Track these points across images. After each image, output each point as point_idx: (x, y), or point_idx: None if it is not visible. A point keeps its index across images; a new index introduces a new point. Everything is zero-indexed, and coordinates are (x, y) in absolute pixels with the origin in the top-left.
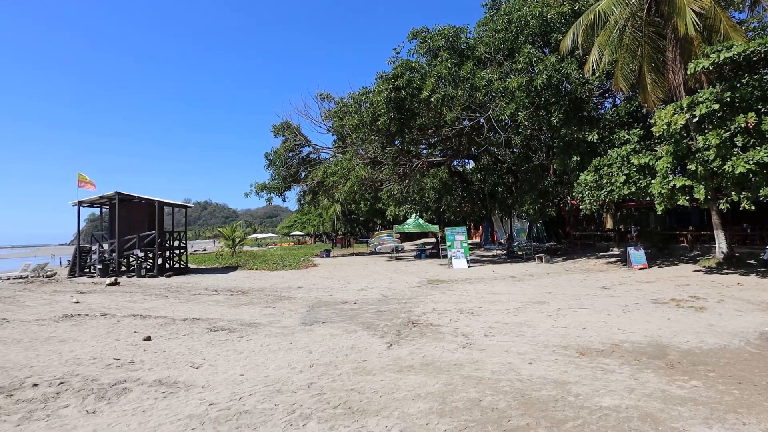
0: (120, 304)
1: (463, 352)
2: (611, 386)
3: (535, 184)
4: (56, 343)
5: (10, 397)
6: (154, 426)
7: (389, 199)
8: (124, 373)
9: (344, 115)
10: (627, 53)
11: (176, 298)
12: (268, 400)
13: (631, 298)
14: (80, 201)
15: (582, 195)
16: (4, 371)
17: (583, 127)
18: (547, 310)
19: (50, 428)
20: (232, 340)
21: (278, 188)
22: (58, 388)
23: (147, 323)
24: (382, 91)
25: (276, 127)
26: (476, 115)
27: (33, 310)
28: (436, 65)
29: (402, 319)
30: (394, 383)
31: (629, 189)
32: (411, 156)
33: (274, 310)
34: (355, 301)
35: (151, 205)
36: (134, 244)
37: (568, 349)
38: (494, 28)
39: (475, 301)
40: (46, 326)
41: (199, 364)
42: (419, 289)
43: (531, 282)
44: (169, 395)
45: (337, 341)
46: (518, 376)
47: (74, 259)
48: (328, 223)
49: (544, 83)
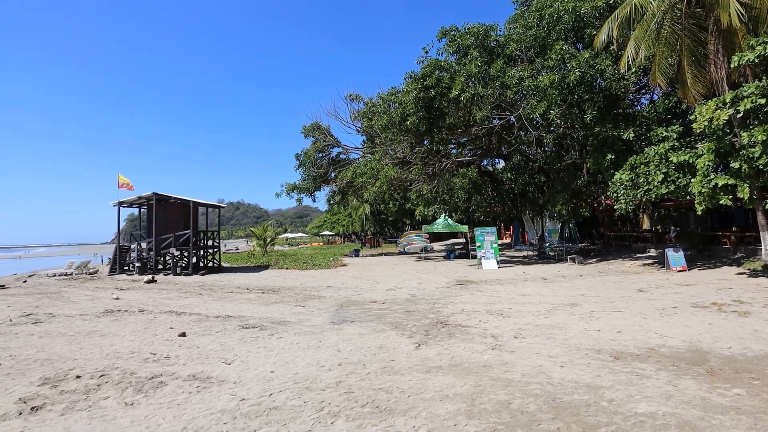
0: (157, 301)
1: (493, 354)
2: (647, 392)
3: (568, 184)
4: (98, 338)
5: (55, 388)
6: (188, 419)
7: (418, 199)
8: (161, 368)
9: (373, 116)
10: (665, 47)
11: (210, 295)
12: (298, 397)
13: (669, 301)
14: (120, 201)
15: (617, 194)
16: (50, 363)
17: (618, 124)
18: (579, 312)
19: (92, 419)
20: (263, 337)
21: (308, 188)
22: (99, 380)
23: (182, 320)
24: (411, 91)
25: (306, 128)
26: (507, 114)
27: (76, 306)
28: (465, 64)
29: (430, 319)
30: (422, 383)
31: (667, 188)
32: (440, 156)
33: (304, 308)
34: (384, 301)
35: (186, 205)
36: (170, 243)
37: (602, 352)
38: (525, 25)
39: (505, 302)
40: (88, 321)
41: (231, 360)
42: (448, 289)
43: (563, 283)
44: (202, 390)
45: (365, 340)
46: (549, 379)
47: (114, 257)
48: (357, 223)
49: (577, 80)
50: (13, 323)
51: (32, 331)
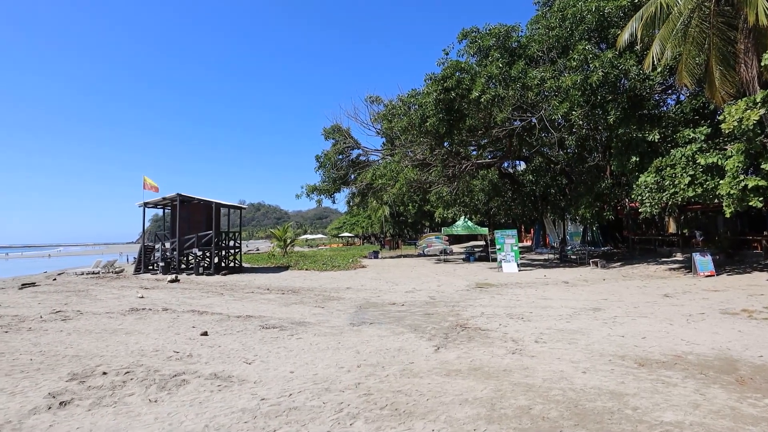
0: (180, 300)
1: (513, 358)
2: (673, 400)
3: (591, 186)
4: (123, 335)
5: (82, 383)
6: (210, 417)
7: (438, 201)
8: (183, 366)
9: (393, 117)
10: (692, 46)
11: (231, 295)
12: (317, 397)
13: (697, 307)
14: (145, 202)
15: (642, 197)
16: (78, 359)
17: (642, 125)
18: (602, 317)
19: (117, 414)
20: (283, 337)
21: (328, 190)
22: (124, 377)
23: (204, 319)
24: (431, 93)
25: (326, 130)
26: (528, 116)
27: (103, 304)
28: (486, 65)
29: (450, 322)
30: (441, 387)
31: (695, 191)
32: (460, 157)
33: (323, 309)
34: (403, 303)
35: (209, 206)
36: (193, 244)
37: (626, 359)
38: (547, 25)
39: (525, 305)
40: (114, 319)
41: (251, 360)
42: (468, 292)
43: (585, 288)
44: (223, 388)
45: (384, 342)
46: (571, 385)
47: (139, 256)
48: (376, 224)
49: (600, 80)
50: (43, 320)
51: (61, 328)
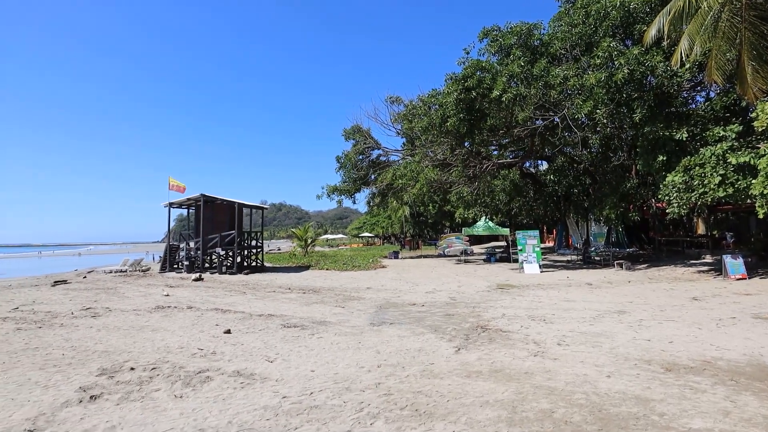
0: (204, 299)
1: (535, 361)
2: (702, 407)
3: (616, 186)
4: (149, 332)
5: (111, 378)
6: (233, 413)
7: (458, 202)
8: (207, 363)
9: (413, 118)
10: (723, 41)
11: (253, 294)
12: (337, 396)
13: (727, 311)
14: (171, 203)
15: (669, 197)
16: (107, 355)
17: (670, 124)
18: (627, 320)
19: (144, 409)
20: (304, 336)
21: (348, 190)
22: (151, 372)
23: (227, 317)
24: (452, 92)
25: (347, 131)
26: (550, 114)
27: (130, 301)
28: (507, 64)
29: (470, 323)
30: (461, 388)
31: (725, 191)
32: (481, 157)
33: (344, 309)
34: (423, 304)
35: (232, 206)
36: (216, 243)
37: (652, 363)
38: (570, 22)
39: (547, 307)
40: (141, 316)
41: (273, 358)
42: (488, 293)
43: (609, 290)
44: (246, 386)
45: (404, 343)
46: (594, 389)
47: (165, 255)
48: (396, 225)
49: (626, 78)
50: (74, 316)
51: (91, 324)
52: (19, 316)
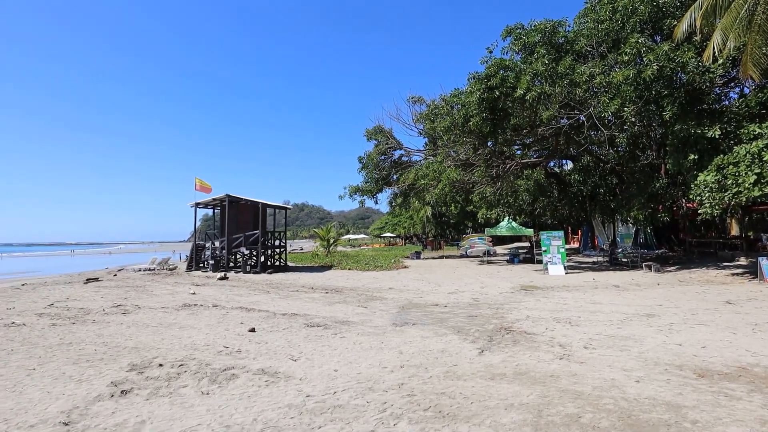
0: (228, 297)
1: (560, 364)
2: (738, 415)
3: (644, 186)
4: (177, 329)
5: (141, 374)
6: (258, 411)
7: (481, 202)
8: (232, 361)
9: (436, 117)
10: (758, 35)
11: (277, 293)
12: (361, 396)
13: (763, 315)
14: (197, 203)
15: (701, 198)
16: (137, 351)
17: (702, 121)
18: (657, 324)
19: (172, 405)
20: (327, 336)
21: (370, 191)
22: (178, 369)
23: (251, 315)
24: (475, 92)
25: (369, 131)
26: (575, 113)
27: (158, 299)
28: (531, 62)
29: (494, 325)
30: (485, 390)
31: (761, 190)
32: (504, 157)
33: (366, 309)
34: (446, 305)
35: (256, 206)
36: (241, 243)
37: (683, 369)
38: (596, 18)
39: (573, 310)
40: (169, 314)
41: (297, 357)
42: (512, 294)
43: (638, 292)
44: (270, 384)
45: (427, 344)
46: (623, 394)
47: (191, 254)
48: (418, 225)
49: (655, 74)
50: (106, 313)
51: (122, 321)
52: (54, 312)
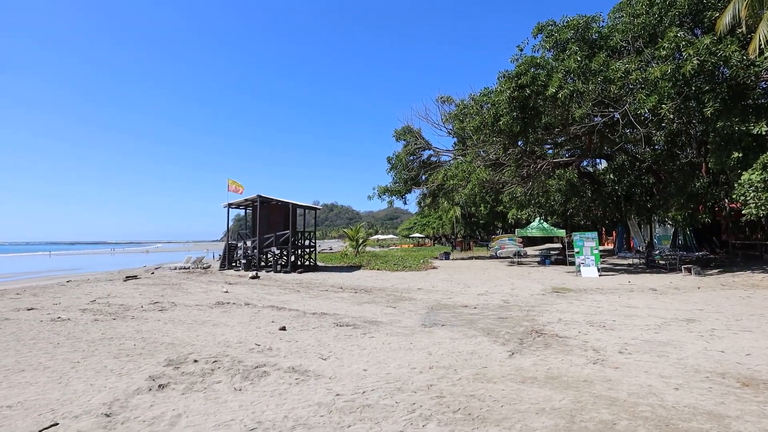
0: (260, 296)
1: (594, 369)
2: None
3: (683, 186)
4: (211, 326)
5: (177, 369)
6: (289, 408)
7: (511, 202)
8: (264, 358)
9: (465, 117)
10: None
11: (306, 293)
12: (390, 396)
13: None
14: (229, 203)
15: (745, 197)
16: (173, 347)
17: (746, 117)
18: (697, 329)
19: (207, 400)
20: (356, 336)
21: (399, 191)
22: (212, 365)
23: (282, 314)
24: (505, 91)
25: (398, 131)
26: (610, 111)
27: (193, 297)
28: (563, 59)
29: (525, 327)
30: (516, 394)
31: None
32: (535, 157)
33: (395, 309)
34: (475, 306)
35: (287, 206)
36: (272, 242)
37: (726, 377)
38: (632, 12)
39: (607, 313)
40: (203, 311)
41: (326, 356)
42: (543, 297)
43: (676, 296)
44: (300, 382)
45: (456, 345)
46: (661, 401)
47: (224, 254)
48: (447, 225)
49: (695, 69)
50: (144, 309)
51: (159, 318)
52: (96, 308)
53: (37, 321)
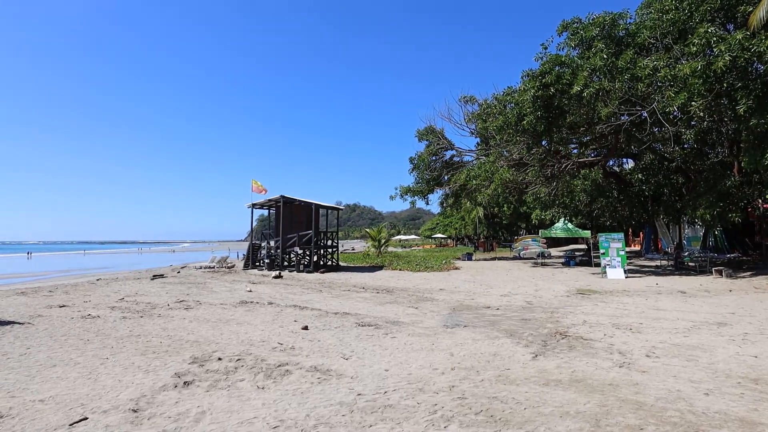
0: (283, 295)
1: (620, 372)
2: None
3: (714, 185)
4: (234, 325)
5: (201, 367)
6: (311, 407)
7: (535, 203)
8: (286, 357)
9: (488, 117)
10: None
11: (329, 292)
12: (411, 397)
13: None
14: (253, 203)
15: None
16: (198, 345)
17: None
18: (729, 333)
19: (230, 397)
20: (378, 336)
21: (422, 191)
22: (236, 363)
23: (304, 314)
24: (528, 90)
25: (420, 131)
26: (637, 109)
27: (218, 296)
28: (589, 57)
29: (548, 329)
30: (539, 396)
31: None
32: (560, 156)
33: (417, 310)
34: (498, 307)
35: (309, 207)
36: (295, 242)
37: (759, 383)
38: (661, 8)
39: (633, 316)
40: (227, 310)
41: (348, 355)
42: (568, 298)
43: (706, 299)
44: (322, 381)
45: (478, 346)
46: (690, 407)
47: (248, 253)
48: (470, 226)
49: (727, 66)
50: (170, 308)
51: (184, 316)
52: (124, 306)
53: (68, 318)
